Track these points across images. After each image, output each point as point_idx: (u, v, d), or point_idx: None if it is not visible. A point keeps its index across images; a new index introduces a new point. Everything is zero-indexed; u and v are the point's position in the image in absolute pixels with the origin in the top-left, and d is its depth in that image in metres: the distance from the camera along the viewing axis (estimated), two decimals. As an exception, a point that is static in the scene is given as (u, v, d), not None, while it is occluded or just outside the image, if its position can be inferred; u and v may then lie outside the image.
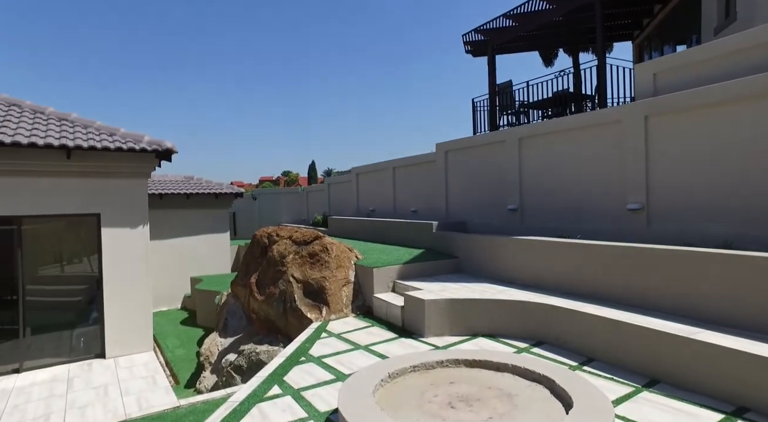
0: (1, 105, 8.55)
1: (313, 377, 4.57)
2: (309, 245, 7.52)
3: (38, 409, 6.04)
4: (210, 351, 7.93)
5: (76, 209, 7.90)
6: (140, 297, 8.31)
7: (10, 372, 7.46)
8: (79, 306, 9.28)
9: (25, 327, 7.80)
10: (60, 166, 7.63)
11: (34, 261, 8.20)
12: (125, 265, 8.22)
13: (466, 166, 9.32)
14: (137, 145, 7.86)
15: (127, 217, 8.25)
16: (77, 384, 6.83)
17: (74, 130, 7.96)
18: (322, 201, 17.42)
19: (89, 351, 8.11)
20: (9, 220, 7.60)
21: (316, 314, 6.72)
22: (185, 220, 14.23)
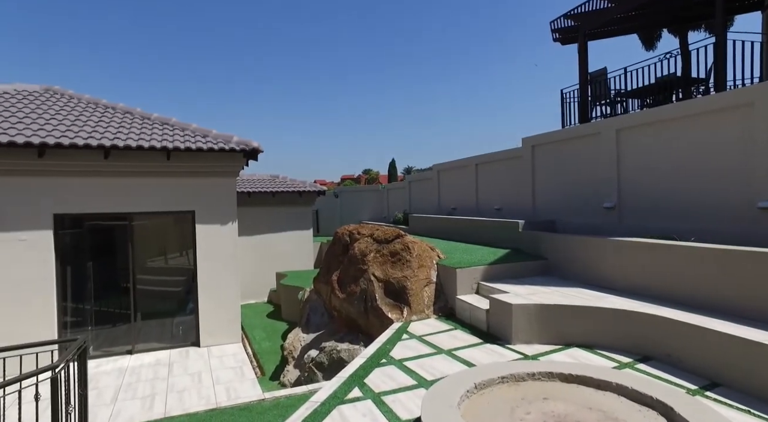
0: (118, 113, 9.44)
1: (394, 381, 4.42)
2: (390, 243, 7.41)
3: (146, 389, 6.56)
4: (293, 346, 8.14)
5: (175, 206, 8.49)
6: (229, 290, 8.77)
7: (125, 353, 8.22)
8: (180, 297, 10.04)
9: (136, 313, 8.55)
10: (161, 166, 8.24)
11: (142, 254, 8.99)
12: (216, 259, 8.70)
13: (556, 161, 8.68)
14: (227, 145, 8.27)
15: (218, 214, 8.72)
16: (176, 370, 7.34)
17: (173, 133, 8.56)
18: (403, 199, 17.35)
19: (186, 339, 8.71)
20: (123, 217, 8.37)
21: (397, 314, 6.59)
22: (271, 217, 14.85)
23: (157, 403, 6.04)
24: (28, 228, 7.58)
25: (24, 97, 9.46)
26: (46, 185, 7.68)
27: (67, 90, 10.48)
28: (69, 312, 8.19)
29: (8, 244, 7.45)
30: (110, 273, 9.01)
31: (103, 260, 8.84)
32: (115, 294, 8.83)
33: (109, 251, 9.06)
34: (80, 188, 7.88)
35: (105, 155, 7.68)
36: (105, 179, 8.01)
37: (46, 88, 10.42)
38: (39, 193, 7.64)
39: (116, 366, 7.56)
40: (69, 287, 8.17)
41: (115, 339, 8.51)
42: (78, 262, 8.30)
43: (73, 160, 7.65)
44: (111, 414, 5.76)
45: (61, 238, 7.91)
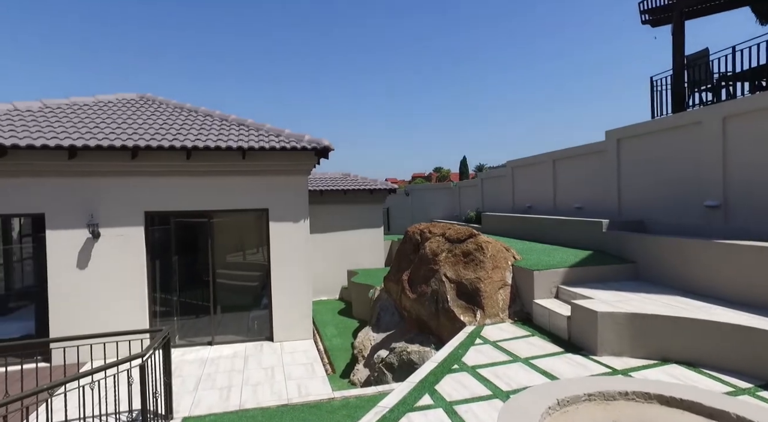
0: (200, 116, 9.98)
1: (466, 389, 4.17)
2: (463, 243, 7.13)
3: (223, 380, 6.84)
4: (363, 345, 8.11)
5: (250, 204, 8.80)
6: (301, 287, 8.94)
7: (206, 343, 8.67)
8: (255, 292, 10.42)
9: (215, 306, 8.98)
10: (238, 165, 8.57)
11: (221, 250, 9.44)
12: (289, 256, 8.90)
13: (645, 155, 7.88)
14: (299, 143, 8.41)
15: (291, 212, 8.91)
16: (251, 363, 7.58)
17: (249, 133, 8.87)
18: (475, 197, 16.85)
19: (261, 333, 9.01)
20: (204, 214, 8.82)
21: (469, 317, 6.30)
22: (343, 215, 15.03)
23: (233, 395, 6.26)
24: (124, 225, 8.21)
25: (123, 105, 10.30)
26: (138, 185, 8.27)
27: (157, 96, 11.28)
28: (158, 303, 8.78)
29: (108, 239, 8.11)
30: (193, 267, 9.55)
31: (186, 255, 9.39)
32: (197, 287, 9.34)
33: (192, 247, 9.59)
34: (167, 187, 8.40)
35: (187, 156, 8.12)
36: (188, 179, 8.48)
37: (140, 96, 11.28)
38: (133, 191, 8.25)
39: (198, 356, 7.97)
40: (158, 280, 8.76)
41: (197, 331, 9.00)
42: (165, 257, 8.88)
43: (160, 160, 8.17)
44: (192, 402, 6.04)
45: (150, 234, 8.49)
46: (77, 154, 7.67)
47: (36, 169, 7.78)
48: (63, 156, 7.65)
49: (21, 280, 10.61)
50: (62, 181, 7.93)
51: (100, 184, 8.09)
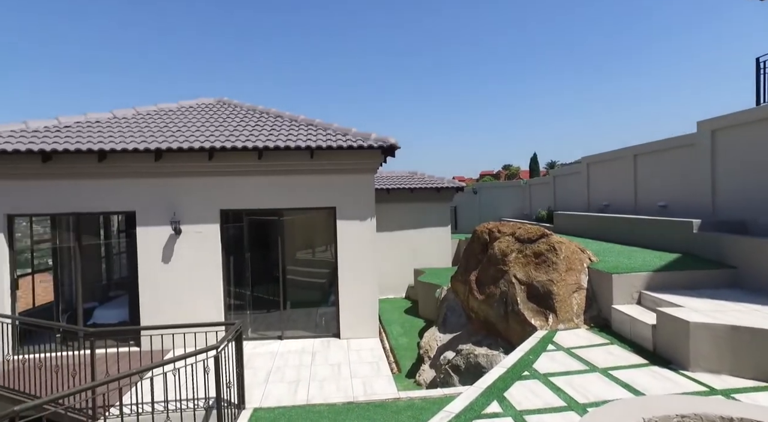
0: (270, 117, 10.36)
1: (538, 398, 3.93)
2: (534, 243, 6.78)
3: (292, 374, 7.03)
4: (429, 345, 7.99)
5: (318, 203, 8.99)
6: (368, 285, 8.99)
7: (275, 338, 8.98)
8: (323, 289, 10.65)
9: (285, 301, 9.28)
10: (306, 164, 8.77)
11: (291, 247, 9.74)
12: (356, 254, 8.97)
13: (748, 148, 7.04)
14: (365, 142, 8.45)
15: (358, 210, 8.98)
16: (318, 359, 7.73)
17: (317, 133, 9.05)
18: (547, 195, 16.10)
19: (328, 330, 9.18)
20: (274, 212, 9.15)
21: (540, 321, 5.98)
22: (409, 214, 14.96)
23: (300, 389, 6.40)
24: (202, 222, 8.71)
25: (202, 109, 10.95)
26: (214, 184, 8.74)
27: (233, 100, 11.87)
28: (232, 296, 9.23)
29: (188, 235, 8.65)
30: (264, 263, 9.94)
31: (258, 251, 9.79)
32: (268, 283, 9.72)
33: (264, 243, 9.99)
34: (240, 186, 8.80)
35: (259, 156, 8.45)
36: (260, 178, 8.83)
37: (218, 100, 11.93)
38: (210, 190, 8.73)
39: (268, 350, 8.27)
40: (232, 275, 9.21)
41: (268, 325, 9.35)
42: (238, 253, 9.31)
43: (234, 160, 8.57)
44: (263, 394, 6.26)
45: (225, 231, 8.94)
46: (162, 155, 8.24)
47: (129, 171, 8.47)
48: (150, 158, 8.26)
49: (119, 271, 11.65)
50: (150, 182, 8.57)
51: (181, 184, 8.65)
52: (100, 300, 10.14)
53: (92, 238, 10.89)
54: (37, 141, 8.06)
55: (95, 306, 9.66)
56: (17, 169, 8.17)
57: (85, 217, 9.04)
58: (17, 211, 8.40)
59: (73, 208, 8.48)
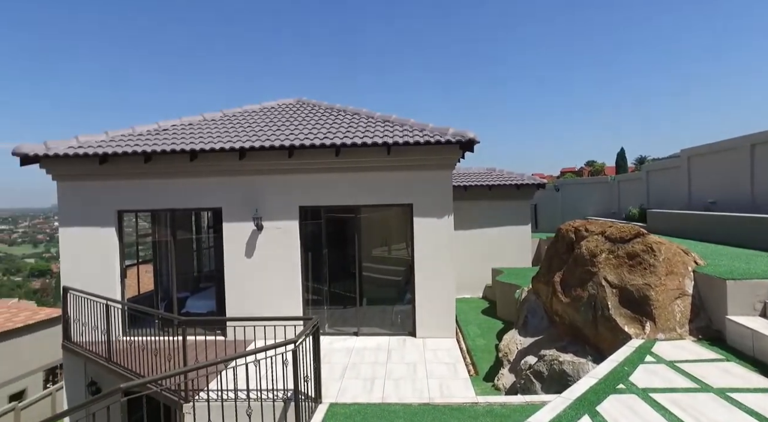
0: (348, 114, 10.49)
1: (637, 416, 3.51)
2: (628, 243, 6.17)
3: (367, 371, 7.02)
4: (509, 349, 7.61)
5: (395, 199, 8.92)
6: (445, 284, 8.77)
7: (352, 334, 9.07)
8: (399, 286, 10.60)
9: (361, 298, 9.34)
10: (383, 161, 8.73)
11: (367, 243, 9.78)
12: (432, 252, 8.79)
13: None
14: (443, 137, 8.23)
15: (434, 207, 8.78)
16: (394, 357, 7.67)
17: (393, 129, 8.98)
18: (638, 191, 14.80)
19: (404, 328, 9.09)
20: (351, 209, 9.24)
21: (636, 329, 5.42)
22: (487, 212, 14.50)
23: (376, 387, 6.36)
24: (282, 218, 9.01)
25: (283, 109, 11.36)
26: (294, 181, 9.00)
27: (311, 99, 12.19)
28: (310, 292, 9.46)
29: (269, 231, 9.00)
30: (341, 260, 10.08)
31: (335, 248, 9.95)
32: (345, 279, 9.84)
33: (341, 240, 10.13)
34: (318, 183, 8.98)
35: (336, 153, 8.55)
36: (337, 175, 8.94)
37: (297, 100, 12.32)
38: (289, 188, 9.00)
39: (345, 346, 8.35)
40: (310, 270, 9.43)
41: (344, 321, 9.46)
42: (316, 249, 9.52)
43: (312, 158, 8.76)
44: (339, 390, 6.31)
45: (304, 227, 9.18)
46: (246, 154, 8.63)
47: (216, 169, 8.98)
48: (235, 157, 8.69)
49: (209, 264, 12.46)
50: (235, 180, 9.03)
51: (263, 182, 9.01)
52: (192, 291, 10.88)
53: (186, 233, 11.74)
54: (141, 143, 8.80)
55: (187, 296, 10.38)
56: (125, 169, 8.98)
57: (179, 213, 9.74)
58: (125, 207, 9.24)
59: (168, 205, 9.18)
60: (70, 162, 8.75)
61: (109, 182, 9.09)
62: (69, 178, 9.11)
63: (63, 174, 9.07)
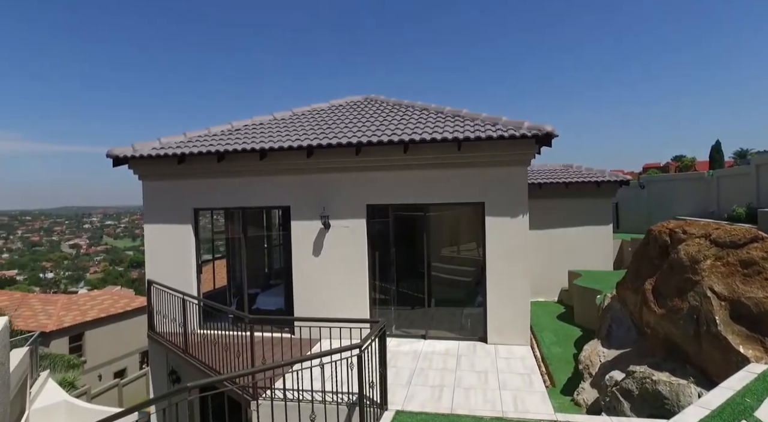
0: (416, 110, 10.20)
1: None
2: (741, 249, 5.33)
3: (435, 378, 6.70)
4: (590, 360, 6.95)
5: (465, 198, 8.49)
6: (519, 287, 8.21)
7: (419, 337, 8.78)
8: (469, 288, 10.15)
9: (430, 299, 9.02)
10: (453, 157, 8.34)
11: (436, 243, 9.44)
12: (506, 253, 8.27)
13: None
14: (517, 131, 7.69)
15: (508, 206, 8.26)
16: (464, 363, 7.27)
17: (464, 124, 8.56)
18: (744, 188, 13.14)
19: (474, 332, 8.65)
20: (419, 207, 8.95)
21: (755, 351, 4.64)
22: (563, 210, 13.59)
23: (444, 395, 6.03)
24: (349, 217, 8.91)
25: (351, 107, 11.31)
26: (361, 179, 8.86)
27: (379, 96, 12.02)
28: (377, 291, 9.29)
29: (336, 230, 8.93)
30: (409, 259, 9.81)
31: (403, 247, 9.70)
32: (413, 279, 9.56)
33: (408, 239, 9.87)
34: (386, 181, 8.77)
35: (404, 149, 8.28)
36: (405, 172, 8.68)
37: (365, 97, 12.22)
38: (357, 186, 8.88)
39: (412, 349, 8.08)
40: (377, 270, 9.26)
41: (412, 322, 9.19)
42: (384, 248, 9.33)
43: (380, 155, 8.56)
44: (405, 396, 6.04)
45: (371, 226, 9.01)
46: (313, 152, 8.61)
47: (284, 168, 9.07)
48: (303, 155, 8.70)
49: (278, 261, 12.73)
50: (303, 178, 9.06)
51: (330, 180, 8.96)
52: (262, 287, 11.15)
53: (257, 230, 12.06)
54: (215, 143, 9.10)
55: (258, 292, 10.63)
56: (200, 168, 9.33)
57: (251, 211, 9.99)
58: (200, 205, 9.62)
59: (240, 203, 9.42)
60: (152, 162, 9.24)
61: (186, 181, 9.50)
62: (152, 178, 9.64)
63: (147, 174, 9.62)
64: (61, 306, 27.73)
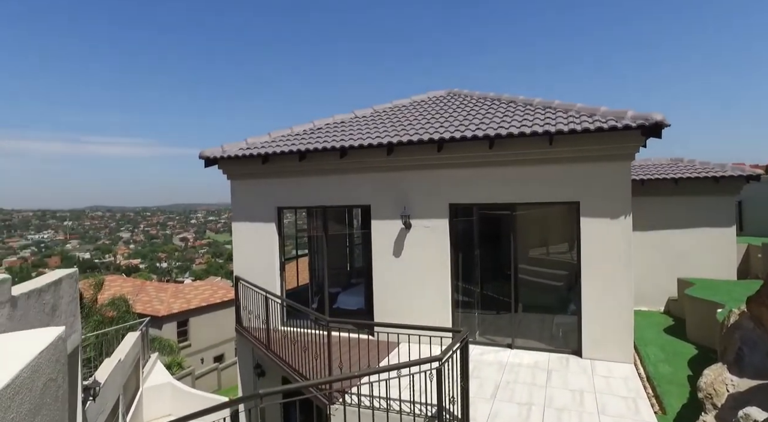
0: (503, 103, 9.57)
1: None
2: None
3: (522, 394, 6.14)
4: (714, 389, 5.91)
5: (557, 197, 7.75)
6: (620, 296, 7.31)
7: (505, 346, 8.19)
8: (559, 293, 9.33)
9: (516, 304, 8.40)
10: (544, 153, 7.65)
11: (523, 244, 8.77)
12: (604, 259, 7.41)
13: None
14: (619, 122, 6.81)
15: (608, 206, 7.38)
16: (555, 380, 6.60)
17: (556, 116, 7.81)
18: None
19: (566, 344, 7.87)
20: (506, 206, 8.35)
21: None
22: (672, 210, 12.06)
23: (533, 416, 5.47)
24: (430, 217, 8.55)
25: (432, 102, 10.94)
26: (444, 177, 8.45)
27: (463, 90, 11.50)
28: (460, 293, 8.84)
29: (417, 230, 8.62)
30: (494, 261, 9.23)
31: (487, 248, 9.15)
32: (497, 282, 8.97)
33: (493, 239, 9.30)
34: (470, 179, 8.28)
35: (490, 145, 7.72)
36: (491, 169, 8.13)
37: (448, 92, 11.77)
38: (439, 184, 8.49)
39: (497, 359, 7.54)
40: (460, 272, 8.80)
41: (497, 329, 8.61)
42: (467, 249, 8.84)
43: (463, 152, 8.09)
44: (489, 414, 5.58)
45: (454, 226, 8.57)
46: (393, 149, 8.36)
47: (365, 166, 8.93)
48: (383, 152, 8.48)
49: (359, 260, 12.73)
50: (383, 176, 8.86)
51: (412, 178, 8.65)
52: (343, 286, 11.17)
53: (339, 228, 12.13)
54: (297, 142, 9.22)
55: (339, 291, 10.66)
56: (283, 167, 9.52)
57: (332, 209, 10.02)
58: (283, 204, 9.84)
59: (321, 202, 9.47)
60: (239, 162, 9.60)
61: (270, 180, 9.74)
62: (239, 177, 10.03)
63: (235, 174, 10.03)
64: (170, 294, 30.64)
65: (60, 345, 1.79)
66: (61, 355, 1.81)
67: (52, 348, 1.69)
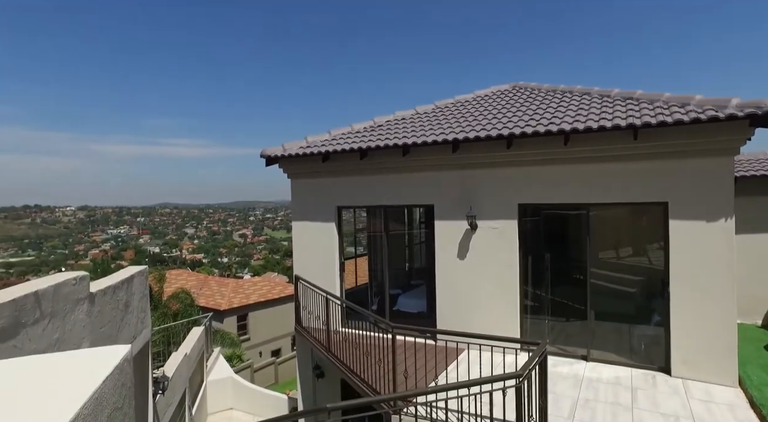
0: (575, 95, 8.89)
1: None
2: None
3: (605, 415, 5.56)
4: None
5: (640, 197, 7.01)
6: (721, 311, 6.46)
7: (579, 357, 7.57)
8: (641, 301, 8.51)
9: (589, 310, 7.73)
10: (624, 148, 6.95)
11: (598, 247, 8.08)
12: (698, 264, 6.61)
13: None
14: (721, 111, 6.01)
15: (703, 207, 6.57)
16: (641, 400, 5.93)
17: (639, 107, 7.07)
18: None
19: (651, 359, 7.12)
20: (580, 207, 7.71)
21: None
22: (768, 210, 10.77)
23: (622, 442, 4.89)
24: (498, 217, 8.05)
25: (497, 97, 10.38)
26: (511, 175, 7.93)
27: (529, 84, 10.84)
28: (529, 298, 8.28)
29: (484, 231, 8.15)
30: (565, 263, 8.59)
31: (558, 250, 8.52)
32: (569, 286, 8.32)
33: (565, 241, 8.66)
34: (541, 177, 7.71)
35: (564, 141, 7.12)
36: (564, 167, 7.52)
37: (512, 86, 11.16)
38: (507, 183, 7.97)
39: (572, 372, 6.95)
40: (529, 275, 8.23)
41: (569, 338, 7.98)
42: (536, 251, 8.26)
43: (534, 148, 7.54)
44: (569, 434, 5.06)
45: (523, 227, 8.03)
46: (458, 147, 7.93)
47: (428, 164, 8.56)
48: (447, 150, 8.07)
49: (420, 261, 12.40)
50: (447, 175, 8.44)
51: (476, 176, 8.19)
52: (403, 288, 10.88)
53: (399, 228, 11.85)
54: (357, 140, 9.01)
55: (399, 293, 10.37)
56: (343, 166, 9.35)
57: (392, 208, 9.73)
58: (343, 203, 9.68)
59: (381, 201, 9.20)
60: (300, 161, 9.54)
61: (330, 179, 9.61)
62: (299, 176, 9.99)
63: (295, 172, 10.00)
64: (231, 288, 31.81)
65: (126, 367, 1.59)
66: (127, 379, 1.61)
67: (118, 373, 1.49)
